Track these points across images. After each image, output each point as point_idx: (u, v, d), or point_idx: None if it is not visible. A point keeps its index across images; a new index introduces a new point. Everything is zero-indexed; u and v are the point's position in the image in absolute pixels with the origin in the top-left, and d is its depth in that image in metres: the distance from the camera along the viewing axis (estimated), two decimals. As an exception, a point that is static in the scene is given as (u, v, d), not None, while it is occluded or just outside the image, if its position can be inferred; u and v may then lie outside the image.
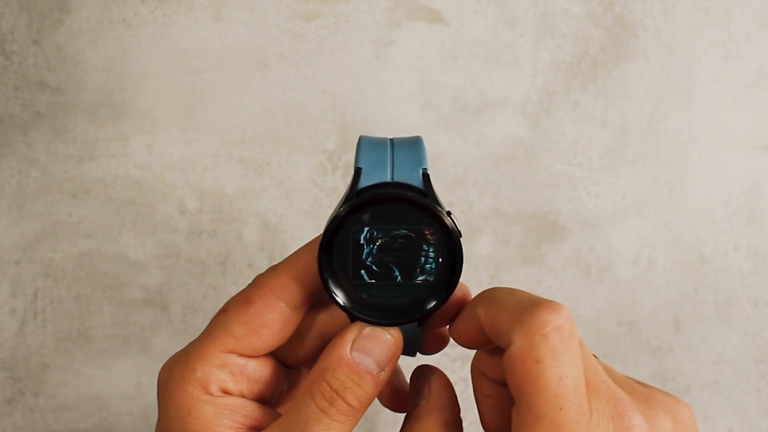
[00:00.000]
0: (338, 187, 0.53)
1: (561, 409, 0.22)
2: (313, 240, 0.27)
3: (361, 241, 0.26)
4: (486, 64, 0.54)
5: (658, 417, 0.24)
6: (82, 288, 0.51)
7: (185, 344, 0.28)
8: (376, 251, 0.26)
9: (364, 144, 0.27)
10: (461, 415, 0.28)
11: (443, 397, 0.28)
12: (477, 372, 0.27)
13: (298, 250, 0.28)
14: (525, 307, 0.23)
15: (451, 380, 0.29)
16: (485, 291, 0.26)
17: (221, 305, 0.28)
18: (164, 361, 0.28)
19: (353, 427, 0.26)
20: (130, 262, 0.51)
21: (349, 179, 0.55)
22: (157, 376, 0.28)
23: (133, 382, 0.52)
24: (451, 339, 0.29)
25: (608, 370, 0.26)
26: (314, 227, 0.52)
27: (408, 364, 0.29)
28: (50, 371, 0.51)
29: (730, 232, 0.56)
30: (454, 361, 0.54)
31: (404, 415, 0.28)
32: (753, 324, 0.57)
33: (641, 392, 0.25)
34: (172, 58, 0.51)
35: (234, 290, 0.29)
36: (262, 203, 0.52)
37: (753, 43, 0.55)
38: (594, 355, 0.26)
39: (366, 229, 0.26)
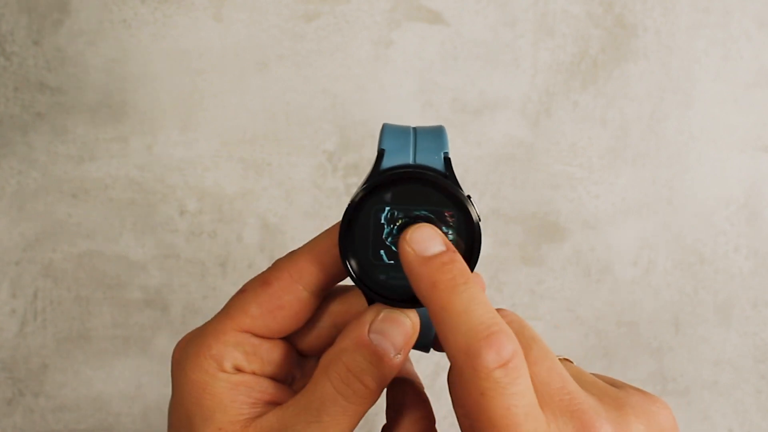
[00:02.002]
0: (338, 188, 0.53)
1: None
2: (333, 225, 0.28)
3: (382, 221, 0.27)
4: (486, 65, 0.54)
5: (629, 422, 0.24)
6: (82, 288, 0.51)
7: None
8: (396, 231, 0.27)
9: (387, 130, 0.28)
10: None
11: (418, 410, 0.27)
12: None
13: (318, 235, 0.28)
14: (474, 339, 0.22)
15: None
16: (448, 286, 0.24)
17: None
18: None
19: (368, 409, 0.26)
20: (130, 263, 0.51)
21: (349, 180, 0.55)
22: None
23: (133, 383, 0.52)
24: None
25: (580, 375, 0.26)
26: (314, 228, 0.52)
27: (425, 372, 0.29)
28: (50, 372, 0.51)
29: (730, 232, 0.56)
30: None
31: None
32: (753, 324, 0.57)
33: (613, 396, 0.25)
34: (172, 58, 0.51)
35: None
36: (262, 204, 0.52)
37: (753, 43, 0.55)
38: (566, 359, 0.25)
39: (387, 208, 0.27)
